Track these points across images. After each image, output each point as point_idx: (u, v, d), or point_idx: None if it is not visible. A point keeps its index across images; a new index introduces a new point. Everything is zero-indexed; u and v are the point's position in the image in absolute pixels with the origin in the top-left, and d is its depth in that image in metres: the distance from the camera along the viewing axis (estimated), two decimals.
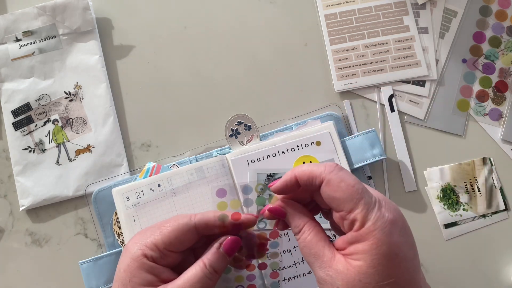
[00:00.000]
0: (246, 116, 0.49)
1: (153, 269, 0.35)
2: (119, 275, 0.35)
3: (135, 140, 0.52)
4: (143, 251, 0.35)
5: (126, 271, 0.35)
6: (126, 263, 0.35)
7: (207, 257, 0.35)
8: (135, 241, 0.36)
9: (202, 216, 0.36)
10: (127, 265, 0.35)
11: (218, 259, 0.35)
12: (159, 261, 0.35)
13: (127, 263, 0.35)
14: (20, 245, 0.51)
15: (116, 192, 0.46)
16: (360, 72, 0.53)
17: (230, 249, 0.36)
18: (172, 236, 0.35)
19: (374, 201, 0.31)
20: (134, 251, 0.35)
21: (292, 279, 0.46)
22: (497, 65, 0.54)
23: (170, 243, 0.35)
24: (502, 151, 0.52)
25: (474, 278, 0.49)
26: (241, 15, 0.55)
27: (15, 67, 0.53)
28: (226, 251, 0.36)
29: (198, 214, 0.36)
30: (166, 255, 0.35)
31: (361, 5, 0.54)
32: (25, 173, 0.51)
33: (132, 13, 0.55)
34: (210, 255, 0.35)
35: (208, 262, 0.35)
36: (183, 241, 0.36)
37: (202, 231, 0.36)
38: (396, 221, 0.30)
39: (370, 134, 0.49)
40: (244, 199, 0.38)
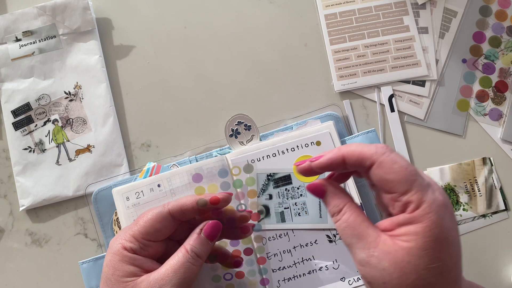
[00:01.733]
0: (246, 116, 0.49)
1: (134, 260, 0.35)
2: (103, 271, 0.36)
3: (135, 140, 0.52)
4: (122, 244, 0.36)
5: (108, 266, 0.35)
6: (108, 258, 0.36)
7: (189, 243, 0.36)
8: (115, 238, 0.37)
9: (176, 203, 0.37)
10: (109, 260, 0.35)
11: (200, 244, 0.36)
12: (139, 252, 0.36)
13: (109, 258, 0.36)
14: (20, 245, 0.51)
15: (116, 192, 0.46)
16: (360, 72, 0.53)
17: (212, 234, 0.36)
18: (148, 226, 0.36)
19: (427, 184, 0.30)
20: (114, 246, 0.36)
21: (292, 279, 0.46)
22: (497, 65, 0.54)
23: (146, 232, 0.36)
24: (502, 151, 0.52)
25: (474, 278, 0.48)
26: (241, 15, 0.55)
27: (15, 67, 0.53)
28: (207, 236, 0.36)
29: (171, 201, 0.37)
30: (145, 245, 0.36)
31: (361, 5, 0.54)
32: (25, 173, 0.51)
33: (132, 13, 0.55)
34: (192, 240, 0.36)
35: (190, 247, 0.35)
36: (159, 229, 0.36)
37: (179, 217, 0.37)
38: (448, 205, 0.30)
39: (370, 134, 0.49)
40: (221, 182, 0.38)
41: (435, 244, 0.29)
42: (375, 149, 0.31)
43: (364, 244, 0.30)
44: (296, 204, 0.47)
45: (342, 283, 0.45)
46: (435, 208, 0.29)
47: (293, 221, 0.46)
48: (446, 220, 0.29)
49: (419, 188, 0.29)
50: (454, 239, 0.30)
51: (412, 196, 0.29)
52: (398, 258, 0.29)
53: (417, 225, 0.29)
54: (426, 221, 0.29)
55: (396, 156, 0.31)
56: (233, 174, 0.38)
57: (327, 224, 0.46)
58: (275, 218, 0.46)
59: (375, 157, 0.31)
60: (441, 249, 0.29)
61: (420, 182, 0.30)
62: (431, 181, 0.31)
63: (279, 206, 0.47)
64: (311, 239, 0.46)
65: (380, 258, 0.29)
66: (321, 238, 0.46)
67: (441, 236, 0.29)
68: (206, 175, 0.44)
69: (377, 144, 0.32)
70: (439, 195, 0.30)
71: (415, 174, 0.30)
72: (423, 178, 0.30)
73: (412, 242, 0.29)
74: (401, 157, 0.31)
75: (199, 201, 0.37)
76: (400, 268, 0.29)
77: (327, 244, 0.46)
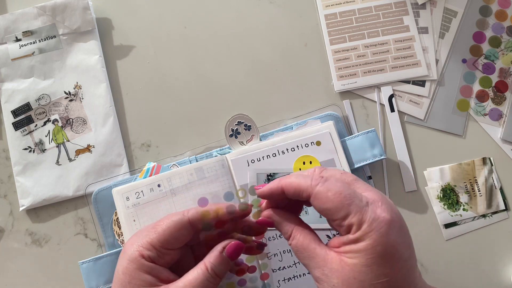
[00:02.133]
0: (246, 116, 0.49)
1: (152, 270, 0.35)
2: (118, 277, 0.35)
3: (135, 140, 0.52)
4: (140, 252, 0.35)
5: (125, 273, 0.34)
6: (124, 265, 0.35)
7: (210, 261, 0.35)
8: (131, 242, 0.36)
9: (195, 211, 0.36)
10: (126, 267, 0.35)
11: (221, 263, 0.35)
12: (157, 260, 0.35)
13: (125, 265, 0.35)
14: (20, 245, 0.51)
15: (116, 192, 0.46)
16: (360, 72, 0.53)
17: (234, 254, 0.35)
18: (167, 234, 0.35)
19: (366, 203, 0.31)
20: (131, 253, 0.35)
21: (292, 279, 0.46)
22: (497, 65, 0.54)
23: (165, 240, 0.35)
24: (502, 151, 0.52)
25: (474, 278, 0.49)
26: (241, 15, 0.55)
27: (15, 67, 0.53)
28: (229, 256, 0.35)
29: (191, 209, 0.36)
30: (163, 253, 0.35)
31: (361, 5, 0.54)
32: (25, 173, 0.51)
33: (132, 13, 0.55)
34: (213, 258, 0.35)
35: (211, 266, 0.35)
36: (178, 237, 0.36)
37: (197, 226, 0.36)
38: (392, 221, 0.31)
39: (370, 134, 0.49)
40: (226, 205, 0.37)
41: (378, 260, 0.30)
42: (310, 181, 0.32)
43: (315, 264, 0.32)
44: None
45: None
46: (376, 226, 0.30)
47: None
48: (391, 236, 0.30)
49: (357, 210, 0.31)
50: (403, 254, 0.31)
51: (351, 219, 0.31)
52: (345, 274, 0.30)
53: (360, 244, 0.30)
54: (368, 239, 0.30)
55: (330, 183, 0.32)
56: (239, 196, 0.37)
57: (327, 224, 0.46)
58: None
59: (310, 189, 0.32)
60: (385, 265, 0.30)
61: (357, 204, 0.31)
62: (376, 198, 0.32)
63: None
64: None
65: (330, 275, 0.31)
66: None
67: (384, 253, 0.30)
68: (212, 199, 0.44)
69: (313, 175, 0.33)
70: (382, 212, 0.31)
71: (351, 197, 0.31)
72: (360, 199, 0.31)
73: (356, 259, 0.30)
74: (336, 182, 0.32)
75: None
76: (347, 284, 0.31)
77: None
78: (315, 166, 0.38)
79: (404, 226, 0.32)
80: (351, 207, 0.31)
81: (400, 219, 0.32)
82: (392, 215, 0.31)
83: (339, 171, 0.34)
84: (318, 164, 0.47)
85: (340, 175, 0.34)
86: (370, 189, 0.33)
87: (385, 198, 0.32)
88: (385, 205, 0.31)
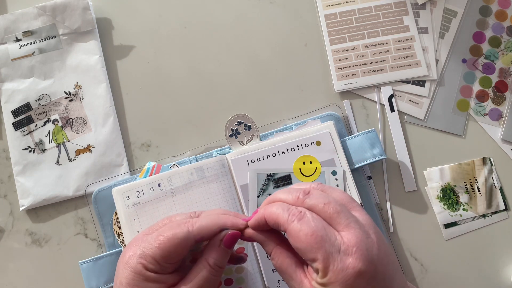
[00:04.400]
0: (246, 116, 0.49)
1: (158, 279, 0.34)
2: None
3: (135, 140, 0.52)
4: (143, 264, 0.34)
5: (131, 285, 0.34)
6: (129, 277, 0.34)
7: (211, 256, 0.35)
8: (131, 253, 0.35)
9: (200, 227, 0.35)
10: (131, 280, 0.34)
11: (221, 255, 0.36)
12: (161, 271, 0.35)
13: (130, 277, 0.34)
14: (20, 245, 0.51)
15: (116, 192, 0.46)
16: (360, 72, 0.53)
17: (231, 244, 0.36)
18: (171, 250, 0.34)
19: (338, 249, 0.30)
20: (134, 265, 0.34)
21: None
22: (497, 65, 0.54)
23: (169, 256, 0.34)
24: (502, 151, 0.52)
25: (474, 278, 0.49)
26: (241, 15, 0.55)
27: (15, 67, 0.53)
28: (227, 246, 0.36)
29: (196, 224, 0.36)
30: (167, 266, 0.35)
31: (361, 5, 0.54)
32: (25, 173, 0.51)
33: (132, 13, 0.55)
34: (213, 253, 0.35)
35: (213, 261, 0.35)
36: (181, 253, 0.35)
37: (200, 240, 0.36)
38: (363, 272, 0.29)
39: (370, 134, 0.49)
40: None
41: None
42: (288, 214, 0.32)
43: (293, 284, 0.33)
44: None
45: None
46: (342, 278, 0.29)
47: None
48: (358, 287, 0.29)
49: (325, 257, 0.29)
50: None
51: (318, 264, 0.30)
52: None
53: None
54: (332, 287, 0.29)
55: (304, 222, 0.31)
56: None
57: None
58: None
59: (285, 225, 0.32)
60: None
61: (326, 249, 0.30)
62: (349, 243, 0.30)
63: None
64: None
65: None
66: None
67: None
68: None
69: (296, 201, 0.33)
70: (353, 262, 0.29)
71: (321, 240, 0.30)
72: (332, 244, 0.30)
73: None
74: (310, 221, 0.31)
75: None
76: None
77: None
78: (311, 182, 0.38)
79: (379, 271, 0.30)
80: (319, 252, 0.30)
81: (376, 264, 0.30)
82: (364, 263, 0.29)
83: (324, 200, 0.32)
84: (318, 164, 0.47)
85: (322, 207, 0.32)
86: (352, 226, 0.31)
87: (364, 240, 0.30)
88: (360, 251, 0.30)
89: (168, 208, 0.46)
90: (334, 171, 0.47)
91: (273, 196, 0.35)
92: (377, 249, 0.30)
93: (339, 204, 0.32)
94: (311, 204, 0.32)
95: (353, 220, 0.31)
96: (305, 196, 0.33)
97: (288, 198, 0.34)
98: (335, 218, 0.31)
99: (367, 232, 0.31)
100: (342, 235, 0.30)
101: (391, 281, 0.31)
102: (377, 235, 0.32)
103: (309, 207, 0.32)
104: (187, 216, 0.38)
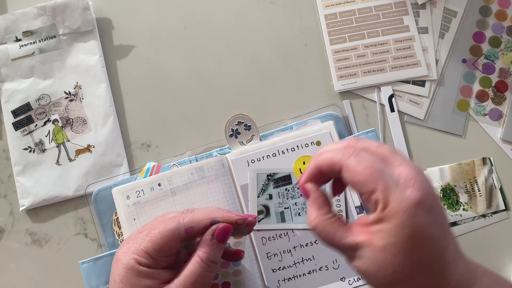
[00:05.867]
0: (246, 116, 0.49)
1: (151, 274, 0.34)
2: (117, 286, 0.35)
3: (135, 140, 0.52)
4: (136, 259, 0.34)
5: (124, 281, 0.34)
6: (121, 274, 0.35)
7: (203, 251, 0.35)
8: (124, 250, 0.36)
9: (191, 220, 0.36)
10: (124, 276, 0.34)
11: (213, 249, 0.35)
12: (154, 266, 0.35)
13: (123, 274, 0.34)
14: (20, 245, 0.51)
15: (116, 191, 0.46)
16: (360, 72, 0.53)
17: (223, 238, 0.36)
18: (162, 243, 0.35)
19: (397, 181, 0.30)
20: (127, 261, 0.35)
21: (292, 279, 0.46)
22: (497, 65, 0.54)
23: (160, 249, 0.35)
24: (502, 151, 0.52)
25: None
26: (241, 15, 0.55)
27: (15, 67, 0.53)
28: (219, 240, 0.36)
29: (186, 217, 0.36)
30: (159, 260, 0.35)
31: (361, 5, 0.54)
32: (25, 173, 0.51)
33: (132, 13, 0.55)
34: (205, 248, 0.35)
35: (205, 256, 0.35)
36: (173, 246, 0.35)
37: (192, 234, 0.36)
38: (422, 201, 0.30)
39: (370, 134, 0.49)
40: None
41: (407, 242, 0.29)
42: (342, 154, 0.32)
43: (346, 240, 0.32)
44: (296, 204, 0.47)
45: (342, 283, 0.45)
46: (403, 207, 0.29)
47: (293, 221, 0.46)
48: (419, 217, 0.29)
49: (385, 187, 0.30)
50: (433, 234, 0.30)
51: (378, 195, 0.30)
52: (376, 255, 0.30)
53: (388, 224, 0.30)
54: (395, 220, 0.29)
55: (361, 156, 0.31)
56: None
57: None
58: (275, 218, 0.46)
59: (341, 162, 0.31)
60: (414, 247, 0.30)
61: (386, 180, 0.30)
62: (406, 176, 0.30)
63: (279, 206, 0.47)
64: (311, 239, 0.46)
65: (361, 256, 0.31)
66: None
67: (412, 235, 0.29)
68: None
69: (347, 146, 0.33)
70: (412, 192, 0.30)
71: (380, 172, 0.30)
72: (391, 176, 0.30)
73: (385, 240, 0.30)
74: (368, 156, 0.31)
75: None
76: (377, 265, 0.30)
77: None
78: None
79: (436, 205, 0.31)
80: (379, 183, 0.30)
81: (433, 198, 0.30)
82: (423, 194, 0.30)
83: (375, 143, 0.33)
84: None
85: (376, 148, 0.32)
86: (406, 164, 0.31)
87: (419, 175, 0.31)
88: (418, 183, 0.30)
89: (168, 208, 0.46)
90: None
91: (321, 149, 0.34)
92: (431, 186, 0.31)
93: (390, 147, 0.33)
94: (364, 146, 0.33)
95: (406, 159, 0.32)
96: (355, 141, 0.33)
97: (338, 146, 0.33)
98: (390, 157, 0.32)
99: (420, 171, 0.32)
100: (398, 171, 0.31)
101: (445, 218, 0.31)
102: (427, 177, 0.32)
103: (362, 148, 0.33)
104: (180, 213, 0.38)
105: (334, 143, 0.35)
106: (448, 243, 0.31)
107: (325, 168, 0.33)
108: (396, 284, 0.30)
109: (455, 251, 0.31)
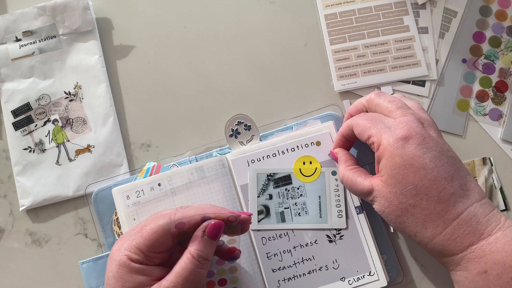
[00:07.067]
0: (246, 116, 0.49)
1: (143, 271, 0.34)
2: (110, 282, 0.35)
3: (135, 140, 0.52)
4: (128, 256, 0.35)
5: (116, 278, 0.34)
6: (114, 270, 0.35)
7: (194, 247, 0.35)
8: (117, 247, 0.36)
9: (182, 215, 0.36)
10: (116, 272, 0.34)
11: (204, 246, 0.35)
12: (146, 262, 0.35)
13: (115, 270, 0.35)
14: (20, 245, 0.51)
15: (116, 191, 0.46)
16: (360, 72, 0.53)
17: (215, 234, 0.36)
18: (154, 239, 0.35)
19: (389, 126, 0.37)
20: (119, 258, 0.35)
21: (292, 279, 0.46)
22: (497, 65, 0.54)
23: (152, 245, 0.35)
24: (502, 151, 0.52)
25: None
26: (241, 15, 0.55)
27: (15, 67, 0.53)
28: (211, 237, 0.36)
29: (178, 213, 0.36)
30: (151, 256, 0.35)
31: (361, 5, 0.54)
32: (25, 173, 0.51)
33: (132, 13, 0.55)
34: (196, 244, 0.35)
35: (196, 252, 0.35)
36: (165, 242, 0.35)
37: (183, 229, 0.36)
38: (409, 136, 0.35)
39: None
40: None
41: (400, 170, 0.35)
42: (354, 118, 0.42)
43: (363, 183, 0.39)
44: (296, 204, 0.47)
45: (342, 283, 0.45)
46: (393, 142, 0.35)
47: (293, 221, 0.46)
48: (407, 148, 0.35)
49: (378, 131, 0.37)
50: (424, 164, 0.35)
51: (373, 138, 0.37)
52: (383, 191, 0.37)
53: (383, 160, 0.36)
54: (387, 154, 0.36)
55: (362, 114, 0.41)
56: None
57: (327, 224, 0.46)
58: (275, 218, 0.46)
59: (351, 122, 0.41)
60: (408, 174, 0.35)
61: (379, 126, 0.37)
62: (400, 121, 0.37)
63: (279, 206, 0.47)
64: (311, 239, 0.46)
65: (376, 195, 0.38)
66: (321, 238, 0.46)
67: (403, 163, 0.35)
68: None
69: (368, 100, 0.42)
70: (400, 130, 0.36)
71: (375, 121, 0.38)
72: (386, 123, 0.37)
73: (384, 174, 0.36)
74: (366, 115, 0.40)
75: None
76: (386, 199, 0.36)
77: (327, 244, 0.46)
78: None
79: (429, 142, 0.36)
80: (373, 129, 0.37)
81: (424, 136, 0.35)
82: (410, 131, 0.35)
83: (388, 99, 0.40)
84: (318, 165, 0.47)
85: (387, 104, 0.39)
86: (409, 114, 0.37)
87: (413, 122, 0.36)
88: (408, 125, 0.36)
89: (168, 208, 0.46)
90: (334, 171, 0.47)
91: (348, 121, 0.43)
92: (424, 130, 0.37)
93: (403, 103, 0.39)
94: (378, 102, 0.40)
95: (410, 112, 0.38)
96: (376, 96, 0.41)
97: (362, 100, 0.43)
98: (394, 111, 0.38)
99: (422, 124, 0.37)
100: (396, 120, 0.37)
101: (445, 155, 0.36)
102: (437, 133, 0.38)
103: (376, 104, 0.40)
104: (173, 210, 0.38)
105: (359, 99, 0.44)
106: (448, 176, 0.35)
107: (345, 132, 0.42)
108: (405, 214, 0.35)
109: (461, 187, 0.35)
